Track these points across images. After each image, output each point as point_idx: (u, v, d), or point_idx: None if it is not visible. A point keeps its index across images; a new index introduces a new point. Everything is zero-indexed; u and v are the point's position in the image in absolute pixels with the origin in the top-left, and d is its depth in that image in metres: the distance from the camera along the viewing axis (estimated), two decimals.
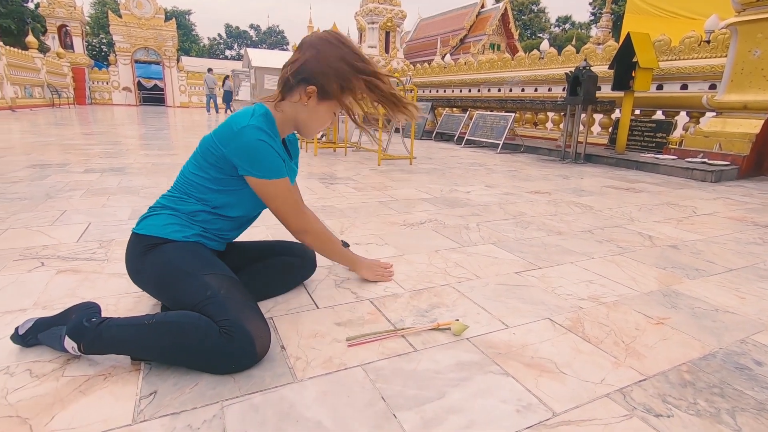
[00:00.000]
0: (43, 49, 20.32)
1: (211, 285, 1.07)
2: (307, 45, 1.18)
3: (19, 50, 15.31)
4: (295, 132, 1.34)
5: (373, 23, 16.85)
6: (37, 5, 23.29)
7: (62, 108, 16.78)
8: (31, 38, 17.24)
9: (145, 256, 1.16)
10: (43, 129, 7.67)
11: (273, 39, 48.07)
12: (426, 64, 11.59)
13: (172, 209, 1.21)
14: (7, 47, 14.04)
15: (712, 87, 5.33)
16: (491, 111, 7.91)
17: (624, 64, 5.37)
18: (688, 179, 4.40)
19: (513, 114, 6.97)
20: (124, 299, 1.35)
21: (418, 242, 2.07)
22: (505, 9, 23.06)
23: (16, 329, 1.08)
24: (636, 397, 0.98)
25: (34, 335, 1.06)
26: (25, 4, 25.78)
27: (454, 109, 9.43)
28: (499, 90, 8.67)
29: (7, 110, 12.90)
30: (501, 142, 6.61)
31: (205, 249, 1.21)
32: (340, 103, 1.21)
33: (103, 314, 1.12)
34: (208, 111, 16.67)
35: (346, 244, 1.61)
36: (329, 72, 1.15)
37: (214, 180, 1.20)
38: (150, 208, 1.25)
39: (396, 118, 1.25)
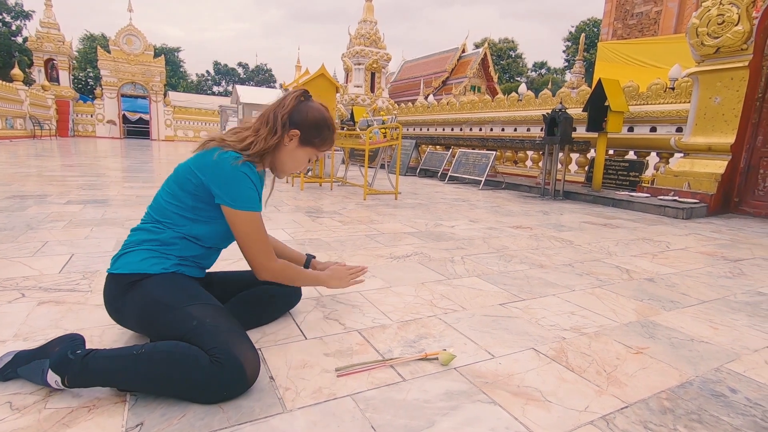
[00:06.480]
0: (29, 81, 20.31)
1: (195, 315, 1.07)
2: (297, 95, 1.30)
3: (2, 82, 15.27)
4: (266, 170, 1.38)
5: (359, 64, 17.49)
6: (26, 39, 23.49)
7: (43, 139, 16.60)
8: (16, 71, 17.29)
9: (126, 295, 1.15)
10: (23, 160, 7.56)
11: (261, 77, 49.12)
12: (410, 104, 11.99)
13: (146, 242, 1.20)
14: None
15: (679, 130, 5.67)
16: (473, 149, 8.18)
17: (597, 108, 5.70)
18: (661, 216, 4.59)
19: (494, 152, 7.22)
20: (109, 330, 1.33)
21: (404, 275, 2.10)
22: (485, 54, 24.30)
23: None
24: (619, 424, 1.00)
25: (14, 369, 1.04)
26: (12, 38, 25.97)
27: (438, 146, 9.72)
28: (481, 129, 9.01)
29: None
30: (483, 179, 6.80)
31: (186, 278, 1.21)
32: (317, 151, 1.36)
33: (88, 346, 1.11)
34: None
35: (311, 257, 1.61)
36: (313, 126, 1.30)
37: (190, 209, 1.21)
38: (123, 245, 1.23)
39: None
